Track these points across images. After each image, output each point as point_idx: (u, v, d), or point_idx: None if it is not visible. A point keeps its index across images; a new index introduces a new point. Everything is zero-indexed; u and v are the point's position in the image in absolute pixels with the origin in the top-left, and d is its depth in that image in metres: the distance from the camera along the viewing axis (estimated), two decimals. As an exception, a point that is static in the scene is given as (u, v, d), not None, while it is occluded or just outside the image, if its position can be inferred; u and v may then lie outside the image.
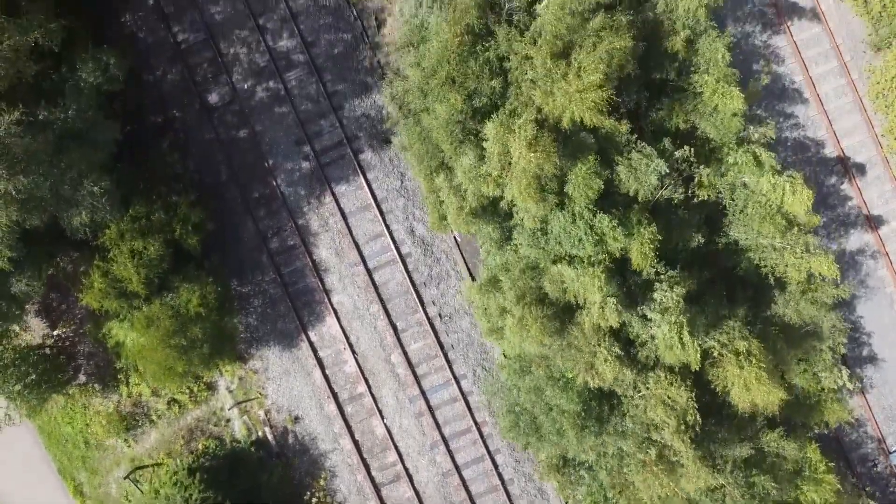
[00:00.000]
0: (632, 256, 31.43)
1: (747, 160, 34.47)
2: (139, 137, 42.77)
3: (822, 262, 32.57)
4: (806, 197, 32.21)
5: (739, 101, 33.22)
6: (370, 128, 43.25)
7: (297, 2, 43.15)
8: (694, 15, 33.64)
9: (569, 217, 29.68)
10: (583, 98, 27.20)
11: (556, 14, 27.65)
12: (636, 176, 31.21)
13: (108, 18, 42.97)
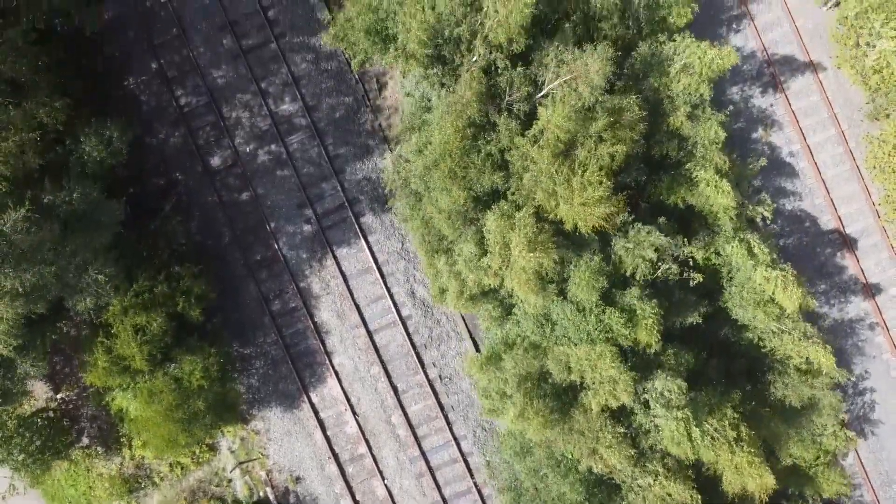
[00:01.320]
0: (638, 334, 31.73)
1: (741, 251, 34.88)
2: (142, 200, 43.21)
3: (820, 353, 32.91)
4: (795, 296, 32.57)
5: (731, 198, 33.57)
6: (371, 191, 43.58)
7: (298, 66, 43.50)
8: (696, 91, 33.99)
9: (574, 309, 30.04)
10: (586, 211, 27.63)
11: (558, 123, 27.98)
12: (634, 253, 31.49)
13: (111, 83, 43.28)
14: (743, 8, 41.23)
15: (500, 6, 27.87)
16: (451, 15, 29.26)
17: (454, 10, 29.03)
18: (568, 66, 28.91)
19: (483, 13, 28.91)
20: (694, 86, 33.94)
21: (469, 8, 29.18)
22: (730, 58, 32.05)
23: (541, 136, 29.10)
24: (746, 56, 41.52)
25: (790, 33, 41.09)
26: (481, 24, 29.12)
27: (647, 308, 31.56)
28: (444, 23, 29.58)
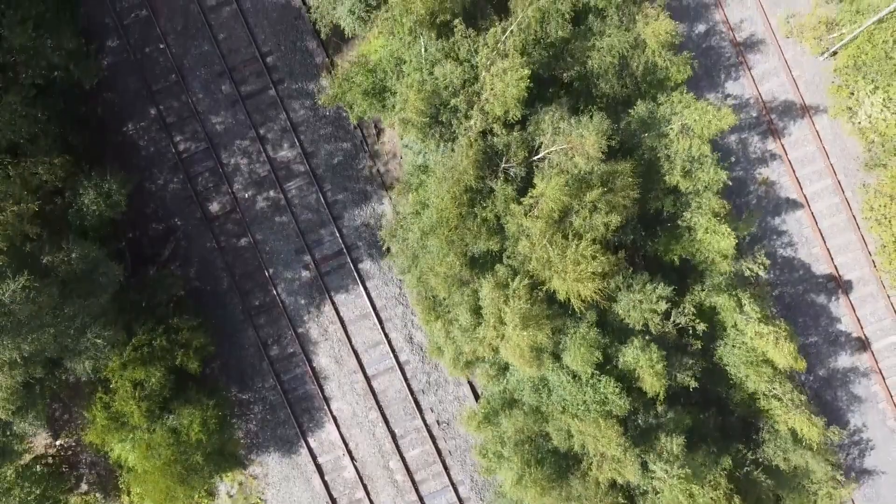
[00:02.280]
0: (644, 382, 31.87)
1: (731, 306, 35.08)
2: (141, 245, 43.40)
3: (808, 425, 32.96)
4: (788, 351, 32.73)
5: (731, 240, 33.75)
6: (369, 237, 43.74)
7: (297, 112, 43.64)
8: (696, 151, 34.15)
9: (570, 378, 30.23)
10: (580, 286, 27.78)
11: (553, 196, 28.14)
12: (642, 308, 31.60)
13: (110, 129, 43.41)
14: (740, 57, 41.40)
15: (498, 81, 28.04)
16: (449, 86, 29.41)
17: (452, 82, 29.19)
18: (564, 136, 29.05)
19: (480, 85, 29.08)
20: (695, 147, 34.06)
21: (466, 80, 29.32)
22: (727, 119, 32.21)
23: (535, 206, 29.26)
24: (743, 105, 41.70)
25: (787, 83, 41.25)
26: (477, 96, 29.29)
27: (655, 355, 31.79)
28: (441, 93, 29.72)
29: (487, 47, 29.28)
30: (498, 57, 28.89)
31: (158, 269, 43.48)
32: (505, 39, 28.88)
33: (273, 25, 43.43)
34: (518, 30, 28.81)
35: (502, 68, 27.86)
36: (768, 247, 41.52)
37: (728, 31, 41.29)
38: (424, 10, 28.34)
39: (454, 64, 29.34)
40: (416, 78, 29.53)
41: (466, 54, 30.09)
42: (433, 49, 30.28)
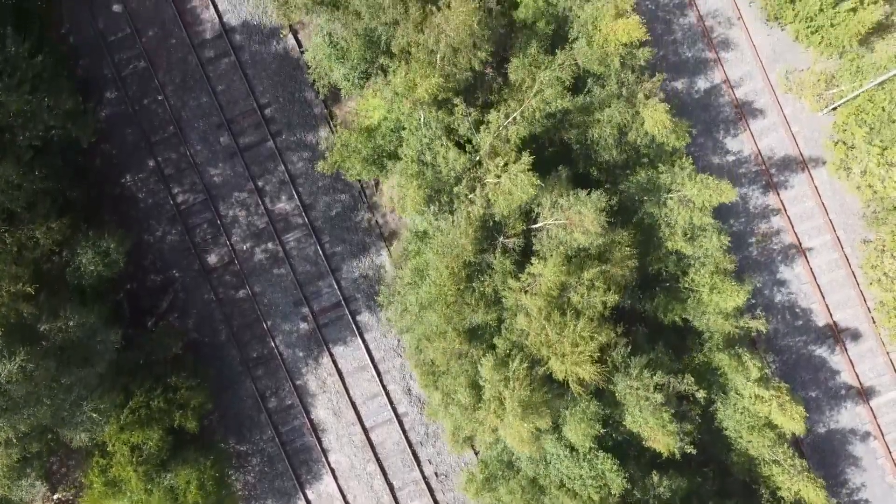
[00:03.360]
0: (657, 443, 31.83)
1: (733, 365, 35.02)
2: (139, 297, 43.36)
3: (812, 492, 32.93)
4: (795, 415, 32.65)
5: (741, 297, 33.65)
6: (367, 288, 43.67)
7: (295, 164, 43.60)
8: (697, 221, 34.08)
9: (567, 452, 30.15)
10: (580, 368, 27.77)
11: (551, 277, 28.09)
12: (638, 394, 31.60)
13: (109, 181, 43.38)
14: (739, 112, 41.32)
15: (505, 178, 27.88)
16: (451, 171, 29.41)
17: (454, 168, 29.16)
18: (563, 211, 29.00)
19: (482, 170, 29.04)
20: (696, 218, 34.01)
21: (468, 169, 29.27)
22: (727, 194, 32.19)
23: (533, 283, 29.20)
24: (742, 160, 41.65)
25: (786, 138, 41.18)
26: (479, 182, 29.24)
27: (666, 416, 31.80)
28: (443, 178, 29.73)
29: (489, 133, 29.23)
30: (500, 142, 28.89)
31: (157, 321, 43.46)
32: (507, 125, 28.85)
33: (271, 77, 43.38)
34: (521, 118, 28.80)
35: (511, 172, 27.80)
36: (767, 301, 41.47)
37: (727, 86, 41.23)
38: (427, 96, 28.35)
39: (456, 152, 29.27)
40: (415, 169, 29.47)
41: (467, 132, 30.03)
42: (434, 125, 30.25)
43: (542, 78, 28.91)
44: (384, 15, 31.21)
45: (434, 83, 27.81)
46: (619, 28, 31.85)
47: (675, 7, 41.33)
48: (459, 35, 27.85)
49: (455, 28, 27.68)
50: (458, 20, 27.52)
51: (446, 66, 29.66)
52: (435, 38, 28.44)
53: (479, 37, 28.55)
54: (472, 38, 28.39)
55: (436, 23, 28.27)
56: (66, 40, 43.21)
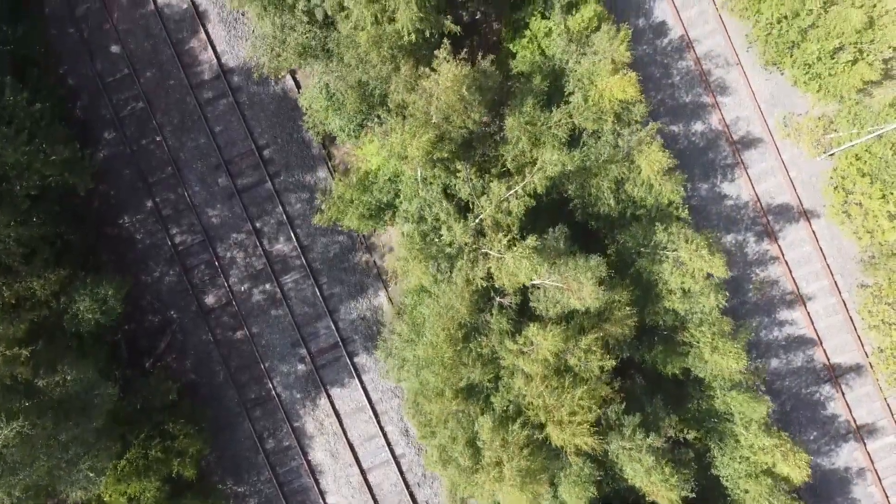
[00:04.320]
0: (659, 497, 31.88)
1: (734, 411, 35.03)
2: (137, 338, 43.41)
3: None
4: (802, 462, 32.65)
5: (741, 362, 33.65)
6: (365, 329, 43.70)
7: (293, 206, 43.61)
8: (696, 283, 34.03)
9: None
10: (578, 439, 27.82)
11: (548, 347, 28.12)
12: (632, 455, 31.63)
13: (106, 222, 43.41)
14: (737, 157, 41.28)
15: (511, 261, 27.83)
16: (452, 244, 29.46)
17: (455, 239, 29.19)
18: (561, 275, 28.98)
19: (485, 241, 29.04)
20: (688, 282, 34.00)
21: (468, 243, 29.26)
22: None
23: (530, 348, 29.23)
24: (740, 205, 41.62)
25: (784, 183, 41.14)
26: (481, 253, 29.24)
27: (668, 469, 31.82)
28: (444, 250, 29.76)
29: (490, 202, 29.24)
30: (502, 215, 28.95)
31: (155, 362, 43.53)
32: (509, 197, 28.88)
33: (269, 118, 43.39)
34: (523, 192, 28.79)
35: (516, 253, 27.79)
36: (765, 344, 41.47)
37: (725, 130, 41.19)
38: (420, 155, 28.30)
39: (459, 225, 29.22)
40: (418, 247, 29.45)
41: (468, 196, 30.06)
42: (433, 186, 30.27)
43: (545, 158, 28.86)
44: (374, 70, 31.22)
45: (426, 141, 27.78)
46: (614, 85, 31.84)
47: (672, 51, 41.28)
48: (450, 100, 27.83)
49: (445, 93, 27.66)
50: (447, 86, 27.49)
51: (441, 125, 29.64)
52: (425, 102, 28.44)
53: (470, 101, 28.51)
54: (463, 102, 28.37)
55: (425, 87, 28.25)
56: (64, 81, 43.26)
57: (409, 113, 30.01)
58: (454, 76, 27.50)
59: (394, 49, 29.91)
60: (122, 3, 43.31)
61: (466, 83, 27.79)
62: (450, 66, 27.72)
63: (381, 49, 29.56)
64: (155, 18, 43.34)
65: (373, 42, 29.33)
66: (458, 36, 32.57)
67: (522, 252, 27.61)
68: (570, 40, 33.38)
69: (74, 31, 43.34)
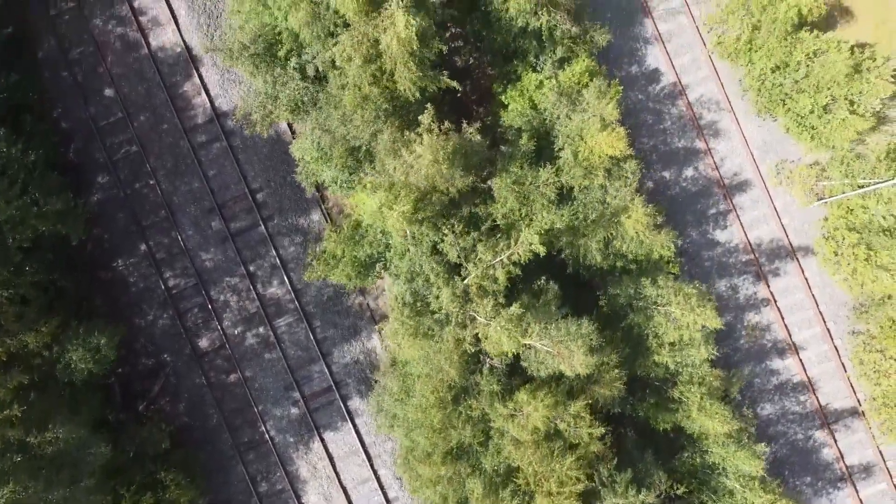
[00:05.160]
0: None
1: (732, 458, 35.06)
2: (130, 381, 43.44)
3: None
4: None
5: (727, 426, 33.68)
6: (358, 373, 43.74)
7: (287, 249, 43.66)
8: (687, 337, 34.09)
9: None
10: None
11: (538, 417, 28.19)
12: None
13: (99, 266, 43.45)
14: (729, 203, 41.32)
15: (496, 331, 27.83)
16: (440, 306, 29.51)
17: (442, 306, 29.23)
18: (552, 340, 29.01)
19: (472, 306, 29.07)
20: (683, 332, 34.03)
21: (460, 302, 29.30)
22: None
23: (520, 412, 29.26)
24: (732, 250, 41.66)
25: (776, 230, 41.18)
26: (468, 317, 29.27)
27: None
28: (432, 313, 29.85)
29: (478, 267, 29.26)
30: (489, 282, 28.97)
31: (148, 406, 43.57)
32: (495, 264, 28.91)
33: (263, 161, 43.44)
34: (508, 260, 28.81)
35: (501, 322, 27.81)
36: (757, 390, 41.50)
37: (717, 177, 41.23)
38: (403, 222, 28.35)
39: (447, 292, 29.25)
40: (409, 319, 29.51)
41: (456, 258, 30.10)
42: (421, 244, 30.29)
43: (525, 236, 28.86)
44: (357, 130, 31.29)
45: (408, 209, 27.85)
46: (603, 141, 31.86)
47: (665, 97, 41.35)
48: (431, 173, 27.87)
49: (426, 168, 27.68)
50: (428, 160, 27.50)
51: (425, 190, 29.71)
52: (406, 173, 28.48)
53: (450, 176, 28.50)
54: (443, 176, 28.38)
55: (407, 161, 28.25)
56: (57, 125, 43.30)
57: (389, 179, 30.04)
58: (434, 153, 27.41)
59: (378, 110, 29.95)
60: (116, 46, 43.37)
61: (447, 161, 27.73)
62: (432, 141, 27.65)
63: (365, 111, 29.61)
64: (149, 62, 43.40)
65: (357, 104, 29.37)
66: (456, 91, 32.51)
67: (505, 323, 27.61)
68: (560, 94, 33.39)
69: (68, 74, 43.41)
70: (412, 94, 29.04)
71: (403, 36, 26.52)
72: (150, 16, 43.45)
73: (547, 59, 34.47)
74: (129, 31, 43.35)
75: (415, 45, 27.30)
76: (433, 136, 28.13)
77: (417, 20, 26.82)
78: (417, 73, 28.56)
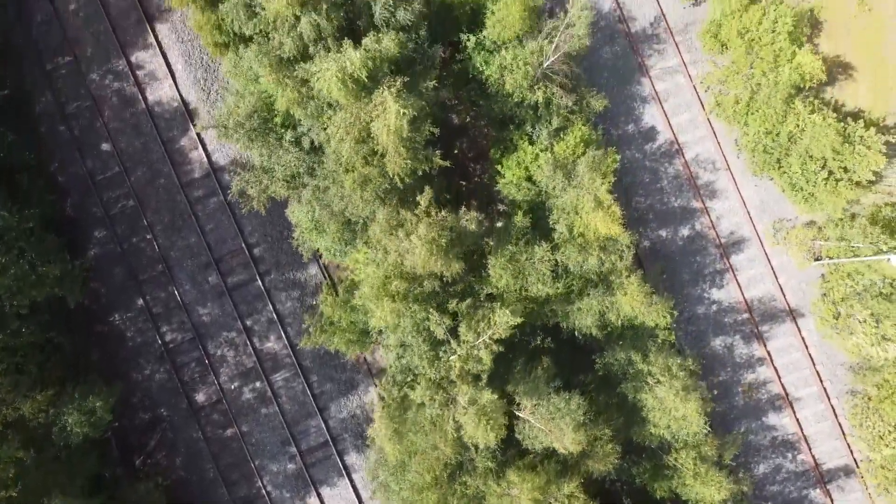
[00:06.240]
0: None
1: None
2: (128, 434, 43.50)
3: None
4: None
5: (723, 493, 33.69)
6: (355, 427, 43.76)
7: (283, 304, 43.67)
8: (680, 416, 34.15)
9: None
10: None
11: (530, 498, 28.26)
12: None
13: (96, 320, 43.48)
14: (726, 262, 41.25)
15: (473, 417, 27.82)
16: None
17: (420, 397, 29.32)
18: (543, 419, 29.00)
19: (455, 392, 29.10)
20: (674, 406, 34.06)
21: (439, 396, 29.30)
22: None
23: (514, 491, 29.26)
24: (728, 309, 41.59)
25: (773, 289, 41.11)
26: (453, 401, 29.30)
27: None
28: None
29: (462, 348, 29.22)
30: (472, 363, 28.94)
31: (145, 460, 43.65)
32: (479, 344, 28.88)
33: (259, 216, 43.22)
34: (490, 340, 28.77)
35: (481, 407, 27.80)
36: (754, 449, 41.46)
37: (714, 236, 41.17)
38: (390, 317, 28.44)
39: (426, 386, 29.30)
40: (394, 421, 29.58)
41: (443, 334, 30.10)
42: (411, 326, 30.33)
43: (499, 316, 28.74)
44: (355, 209, 31.31)
45: (395, 308, 28.00)
46: (598, 221, 31.79)
47: (662, 155, 41.28)
48: (424, 262, 27.84)
49: (421, 257, 27.65)
50: (423, 254, 27.48)
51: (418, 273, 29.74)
52: (400, 256, 28.47)
53: (443, 264, 28.48)
54: (437, 264, 28.36)
55: (402, 247, 28.20)
56: (54, 179, 43.30)
57: (382, 258, 30.03)
58: (429, 247, 27.32)
59: (378, 191, 29.94)
60: (113, 101, 43.37)
61: (442, 254, 27.67)
62: (427, 232, 27.57)
63: (364, 192, 29.61)
64: (145, 117, 43.40)
65: (357, 185, 29.35)
66: (448, 168, 32.46)
67: (481, 413, 27.57)
68: (555, 167, 33.32)
69: (65, 128, 43.43)
70: (401, 178, 29.03)
71: (394, 128, 26.48)
72: (147, 70, 43.43)
73: (543, 129, 34.41)
74: (126, 85, 43.35)
75: (405, 134, 27.26)
76: (429, 221, 28.09)
77: (409, 109, 26.76)
78: (407, 159, 28.50)
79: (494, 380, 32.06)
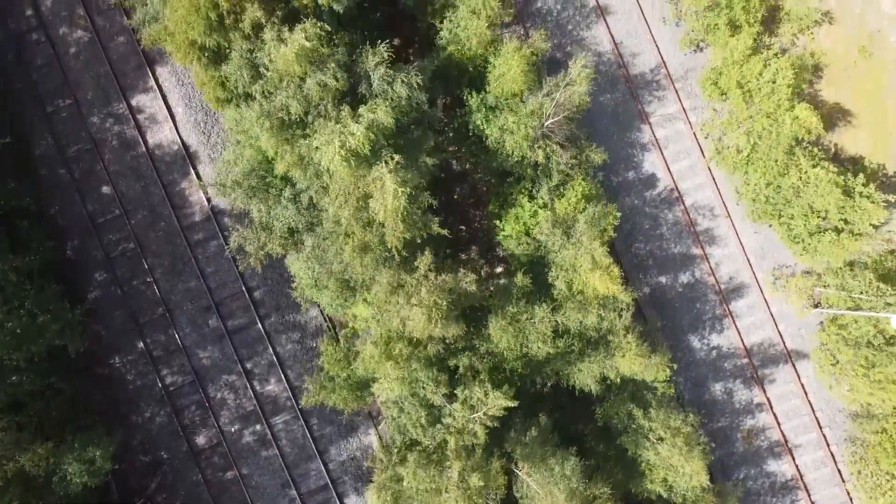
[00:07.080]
0: None
1: None
2: (127, 477, 43.55)
3: None
4: None
5: None
6: (355, 470, 43.83)
7: (284, 346, 43.73)
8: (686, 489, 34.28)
9: None
10: None
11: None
12: None
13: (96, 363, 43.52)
14: (725, 309, 41.30)
15: (466, 479, 27.90)
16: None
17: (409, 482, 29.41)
18: (539, 485, 29.06)
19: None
20: (671, 477, 34.13)
21: (434, 472, 29.38)
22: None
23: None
24: (727, 355, 41.65)
25: (773, 336, 41.18)
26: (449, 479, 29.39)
27: None
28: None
29: (458, 421, 29.26)
30: (468, 436, 29.02)
31: (145, 502, 43.69)
32: (475, 419, 28.95)
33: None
34: (485, 416, 28.79)
35: (471, 488, 27.91)
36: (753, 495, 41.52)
37: (714, 282, 41.21)
38: (394, 387, 28.52)
39: (416, 464, 29.37)
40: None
41: (440, 402, 30.16)
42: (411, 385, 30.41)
43: (492, 398, 28.80)
44: (354, 273, 31.37)
45: (400, 375, 28.04)
46: (597, 281, 31.84)
47: (661, 202, 41.32)
48: (424, 327, 27.91)
49: (421, 326, 27.72)
50: (422, 322, 27.55)
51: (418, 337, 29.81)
52: (401, 322, 28.54)
53: (443, 328, 28.54)
54: (437, 329, 28.42)
55: (402, 315, 28.26)
56: (54, 222, 43.33)
57: (385, 321, 30.10)
58: (429, 314, 27.37)
59: (377, 258, 29.99)
60: (113, 144, 43.40)
61: (443, 315, 27.73)
62: (426, 299, 27.63)
63: (364, 259, 29.65)
64: (146, 160, 43.45)
65: (357, 253, 29.40)
66: (446, 235, 32.38)
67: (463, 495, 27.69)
68: (554, 225, 33.34)
69: (65, 171, 43.45)
70: (399, 250, 29.06)
71: (391, 208, 26.50)
72: (147, 113, 43.47)
73: (543, 185, 34.44)
74: (127, 128, 43.39)
75: (403, 211, 27.29)
76: (429, 286, 28.13)
77: (408, 187, 26.77)
78: (405, 232, 28.53)
79: (493, 437, 32.15)
